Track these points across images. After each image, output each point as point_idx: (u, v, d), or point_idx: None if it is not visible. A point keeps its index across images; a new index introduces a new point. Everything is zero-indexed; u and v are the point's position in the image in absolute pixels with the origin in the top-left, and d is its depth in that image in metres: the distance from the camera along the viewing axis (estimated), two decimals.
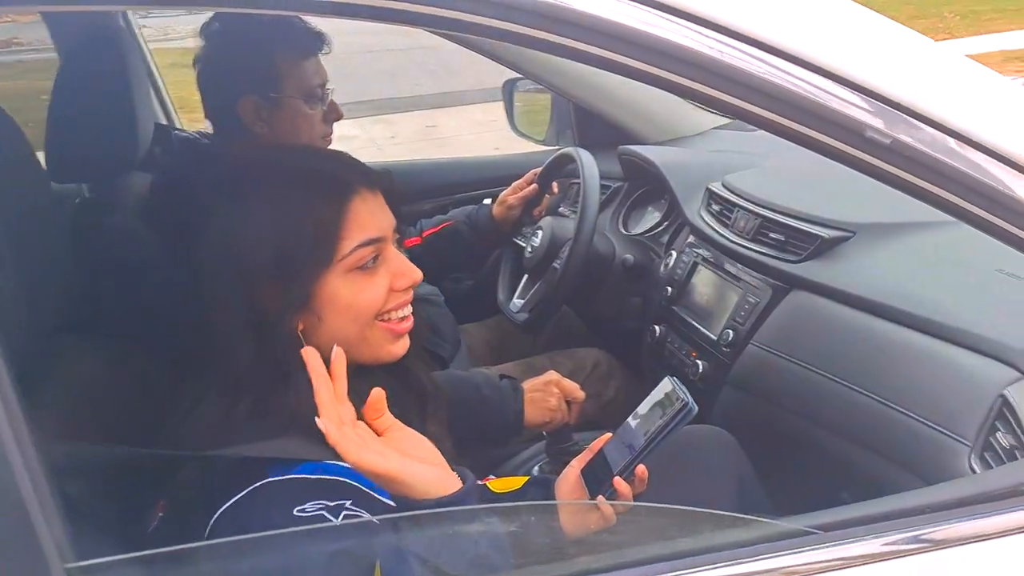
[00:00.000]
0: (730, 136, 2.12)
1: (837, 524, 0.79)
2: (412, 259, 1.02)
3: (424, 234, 2.02)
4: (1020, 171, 0.80)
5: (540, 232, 1.83)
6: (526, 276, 1.89)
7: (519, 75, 2.27)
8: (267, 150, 1.29)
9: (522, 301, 1.86)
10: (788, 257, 1.48)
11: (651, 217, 1.92)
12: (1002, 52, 8.58)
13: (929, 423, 1.11)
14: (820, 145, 0.81)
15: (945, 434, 1.07)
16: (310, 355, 0.88)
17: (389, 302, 1.00)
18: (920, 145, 0.79)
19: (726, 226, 1.64)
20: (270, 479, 0.85)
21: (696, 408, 1.03)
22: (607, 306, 1.89)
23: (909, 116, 0.79)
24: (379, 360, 1.01)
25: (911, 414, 1.14)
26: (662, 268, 1.79)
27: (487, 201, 2.14)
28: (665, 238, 1.86)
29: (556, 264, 1.76)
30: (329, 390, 0.86)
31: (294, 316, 0.93)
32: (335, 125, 1.66)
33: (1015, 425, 0.98)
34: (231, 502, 0.84)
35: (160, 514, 0.92)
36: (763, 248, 1.53)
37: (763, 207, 1.57)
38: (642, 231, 1.91)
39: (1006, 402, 1.01)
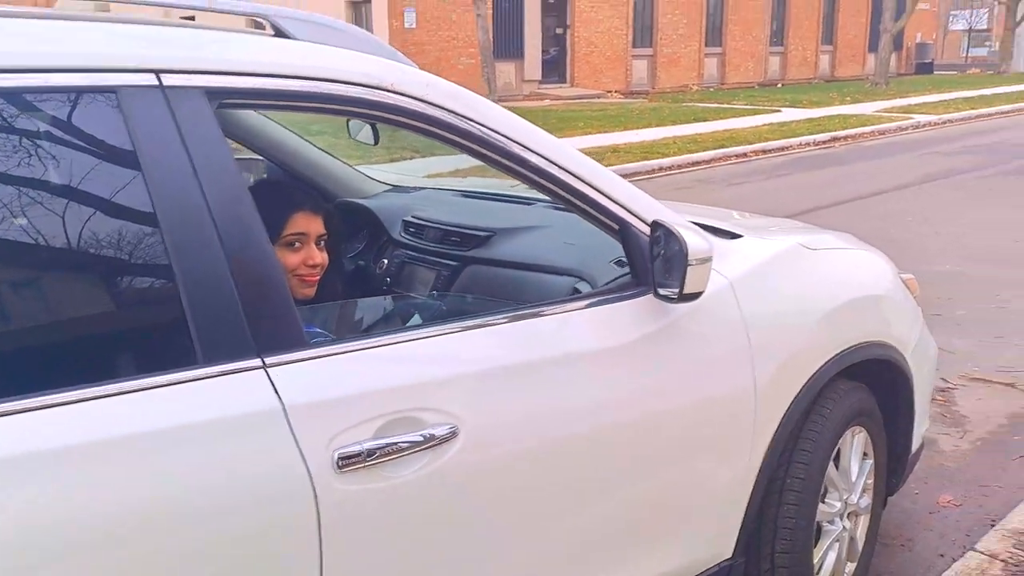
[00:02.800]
0: (396, 195, 3.17)
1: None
2: None
3: None
4: (590, 187, 1.88)
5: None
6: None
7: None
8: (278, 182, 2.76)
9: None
10: (461, 249, 2.60)
11: (356, 245, 2.94)
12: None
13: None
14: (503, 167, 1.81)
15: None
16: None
17: (300, 268, 2.04)
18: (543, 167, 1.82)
19: (420, 238, 2.75)
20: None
21: None
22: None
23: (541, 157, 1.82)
24: (296, 295, 1.87)
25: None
26: (378, 269, 2.82)
27: None
28: (372, 254, 2.90)
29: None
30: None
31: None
32: None
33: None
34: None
35: None
36: (446, 247, 2.65)
37: (443, 225, 2.71)
38: (352, 254, 2.90)
39: (576, 289, 2.17)
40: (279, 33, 1.64)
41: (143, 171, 1.35)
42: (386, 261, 2.81)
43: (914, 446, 2.88)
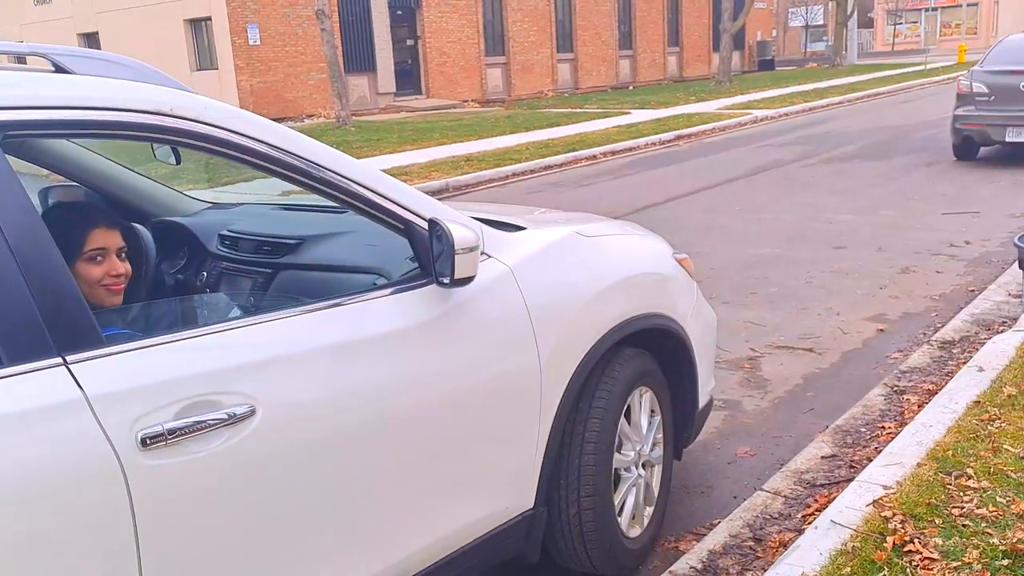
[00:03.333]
0: (214, 212, 3.39)
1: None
2: None
3: None
4: (373, 192, 2.18)
5: None
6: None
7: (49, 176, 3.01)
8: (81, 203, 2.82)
9: None
10: (273, 256, 2.86)
11: (177, 262, 3.13)
12: (429, 161, 13.21)
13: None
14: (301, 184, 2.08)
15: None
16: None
17: (105, 279, 2.27)
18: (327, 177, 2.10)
19: (236, 250, 2.99)
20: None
21: None
22: None
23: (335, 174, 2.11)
24: (104, 303, 2.24)
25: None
26: (199, 282, 3.02)
27: None
28: (192, 268, 3.08)
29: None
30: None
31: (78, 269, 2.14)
32: None
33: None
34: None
35: None
36: (259, 256, 2.90)
37: (255, 236, 2.96)
38: (174, 270, 3.09)
39: (375, 284, 2.38)
40: (59, 69, 1.82)
41: None
42: (205, 274, 3.02)
43: (701, 403, 3.28)
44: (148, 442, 1.64)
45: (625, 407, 2.80)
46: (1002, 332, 4.78)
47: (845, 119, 18.46)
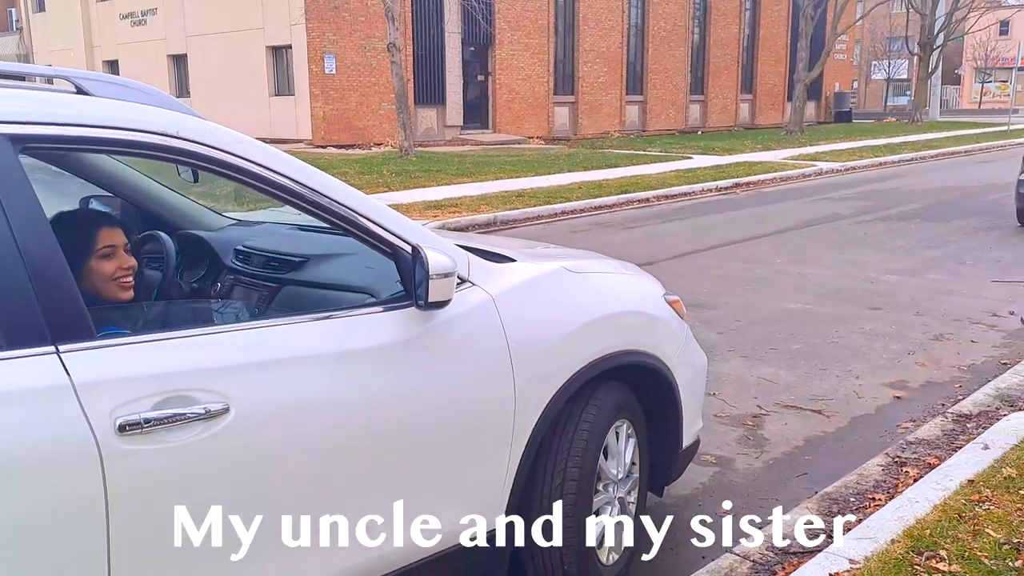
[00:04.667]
0: (237, 228, 3.56)
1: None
2: None
3: None
4: (362, 217, 2.32)
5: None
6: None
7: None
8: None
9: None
10: (279, 272, 2.99)
11: (198, 272, 3.29)
12: (424, 201, 12.77)
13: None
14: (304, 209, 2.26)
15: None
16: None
17: (117, 272, 2.48)
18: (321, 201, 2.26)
19: (248, 264, 3.12)
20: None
21: None
22: None
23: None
24: (118, 297, 2.48)
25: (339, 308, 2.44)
26: (213, 292, 3.14)
27: None
28: (209, 279, 3.23)
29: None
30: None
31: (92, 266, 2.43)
32: None
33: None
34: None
35: None
36: (267, 270, 3.02)
37: (266, 252, 3.10)
38: (194, 280, 3.25)
39: (364, 303, 2.46)
40: (80, 91, 2.02)
41: None
42: (219, 284, 3.19)
43: (686, 442, 3.34)
44: (126, 428, 1.81)
45: (612, 428, 2.94)
46: (1023, 410, 4.58)
47: (913, 177, 18.07)
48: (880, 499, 3.65)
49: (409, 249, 2.31)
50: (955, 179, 17.42)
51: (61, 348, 1.78)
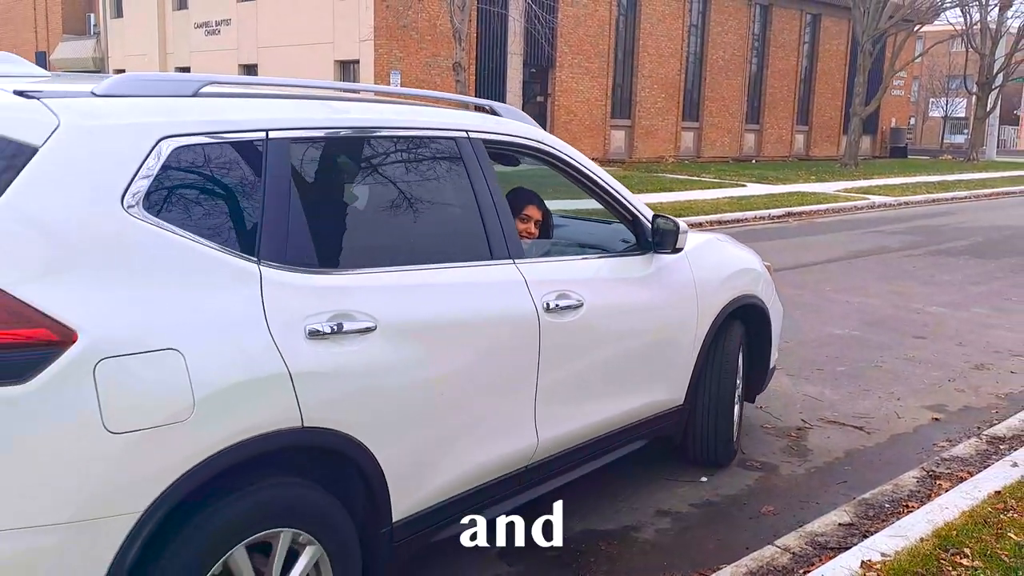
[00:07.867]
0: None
1: None
2: None
3: None
4: (627, 200, 3.93)
5: None
6: None
7: None
8: None
9: None
10: (551, 233, 4.54)
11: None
12: None
13: None
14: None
15: None
16: None
17: (521, 230, 4.01)
18: (609, 189, 3.90)
19: (547, 229, 4.51)
20: None
21: None
22: None
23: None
24: (522, 240, 3.76)
25: None
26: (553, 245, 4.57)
27: None
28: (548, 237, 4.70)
29: None
30: None
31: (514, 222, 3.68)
32: None
33: None
34: None
35: None
36: (548, 232, 4.52)
37: (549, 223, 4.59)
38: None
39: (618, 251, 4.16)
40: (494, 113, 3.52)
41: (470, 179, 3.15)
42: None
43: (772, 361, 4.89)
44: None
45: (740, 353, 4.48)
46: None
47: (965, 214, 18.14)
48: (913, 506, 3.97)
49: (649, 217, 3.87)
50: (1008, 218, 17.47)
51: (517, 261, 3.21)
